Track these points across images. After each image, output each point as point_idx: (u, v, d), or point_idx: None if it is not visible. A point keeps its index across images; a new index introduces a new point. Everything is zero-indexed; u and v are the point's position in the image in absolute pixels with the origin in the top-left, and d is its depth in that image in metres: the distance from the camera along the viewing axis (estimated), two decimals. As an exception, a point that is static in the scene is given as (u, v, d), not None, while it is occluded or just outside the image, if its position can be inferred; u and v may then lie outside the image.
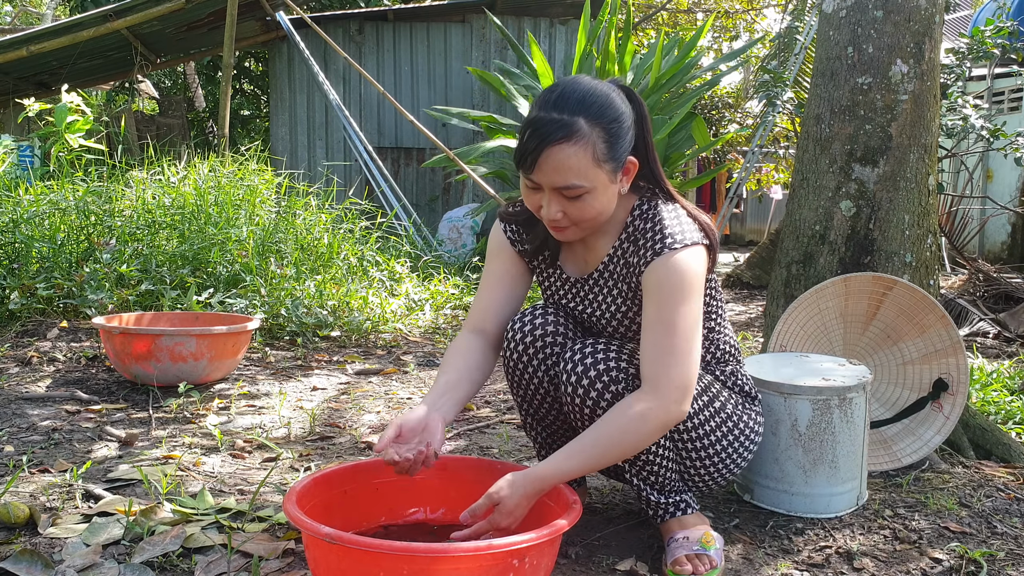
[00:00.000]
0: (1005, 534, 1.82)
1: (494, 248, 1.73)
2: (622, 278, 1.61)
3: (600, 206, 1.50)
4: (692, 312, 1.47)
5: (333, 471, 1.59)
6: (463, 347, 1.65)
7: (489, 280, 1.73)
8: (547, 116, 1.44)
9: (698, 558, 1.57)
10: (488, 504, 1.40)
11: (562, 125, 1.43)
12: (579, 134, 1.43)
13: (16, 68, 7.47)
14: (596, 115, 1.45)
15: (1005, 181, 7.49)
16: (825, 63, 2.35)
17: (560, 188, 1.46)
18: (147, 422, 2.54)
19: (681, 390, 1.44)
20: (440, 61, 8.37)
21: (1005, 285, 5.26)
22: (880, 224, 2.27)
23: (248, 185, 4.75)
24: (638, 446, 1.46)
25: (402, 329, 4.30)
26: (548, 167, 1.45)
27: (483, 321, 1.69)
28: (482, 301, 1.71)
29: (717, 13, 13.61)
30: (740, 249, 13.47)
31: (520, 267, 1.73)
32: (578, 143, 1.43)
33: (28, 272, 3.86)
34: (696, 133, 6.69)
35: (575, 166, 1.44)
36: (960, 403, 2.18)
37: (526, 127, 1.46)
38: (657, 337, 1.46)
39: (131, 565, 1.52)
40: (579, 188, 1.46)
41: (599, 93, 1.48)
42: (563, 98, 1.45)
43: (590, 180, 1.46)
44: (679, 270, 1.48)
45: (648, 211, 1.56)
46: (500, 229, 1.73)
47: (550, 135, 1.43)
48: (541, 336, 1.63)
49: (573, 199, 1.47)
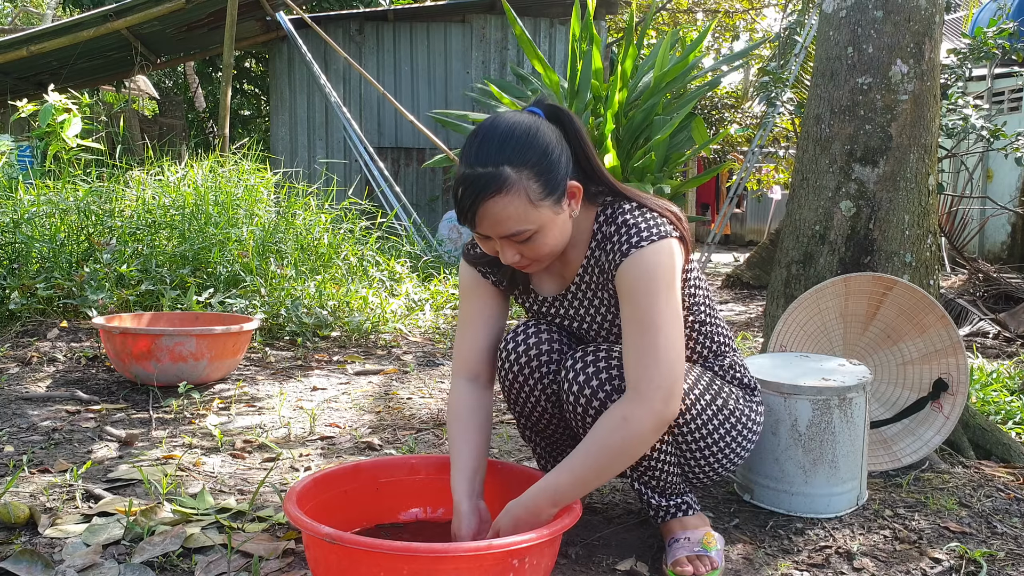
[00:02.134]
0: (1005, 534, 1.82)
1: (467, 286, 1.70)
2: (600, 285, 1.58)
3: (553, 240, 1.48)
4: (668, 306, 1.43)
5: (333, 471, 1.59)
6: (469, 404, 1.62)
7: (469, 320, 1.69)
8: (472, 172, 1.40)
9: (699, 559, 1.56)
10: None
11: (488, 179, 1.39)
12: (507, 183, 1.39)
13: (16, 68, 7.47)
14: (520, 158, 1.41)
15: (1005, 181, 7.49)
16: (825, 63, 2.35)
17: (506, 236, 1.44)
18: (147, 422, 2.54)
19: (665, 390, 1.40)
20: (440, 61, 8.37)
21: (1005, 285, 5.26)
22: (880, 224, 2.27)
23: (247, 185, 4.76)
24: (634, 453, 1.42)
25: (402, 329, 4.30)
26: (487, 222, 1.42)
27: (475, 364, 1.66)
28: (467, 343, 1.68)
29: (717, 13, 13.61)
30: (740, 249, 13.48)
31: (497, 299, 1.70)
32: (509, 192, 1.39)
33: (28, 272, 3.87)
34: (696, 133, 6.69)
35: (513, 214, 1.41)
36: (960, 403, 2.18)
37: (457, 184, 1.43)
38: (636, 338, 1.43)
39: (131, 565, 1.52)
40: (524, 232, 1.43)
41: (519, 132, 1.43)
42: (483, 147, 1.41)
43: (532, 222, 1.43)
44: (648, 266, 1.45)
45: (611, 215, 1.53)
46: (466, 269, 1.70)
47: (480, 192, 1.39)
48: (536, 355, 1.62)
49: (523, 242, 1.45)
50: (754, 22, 14.57)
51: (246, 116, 12.04)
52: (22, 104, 5.16)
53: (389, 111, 8.15)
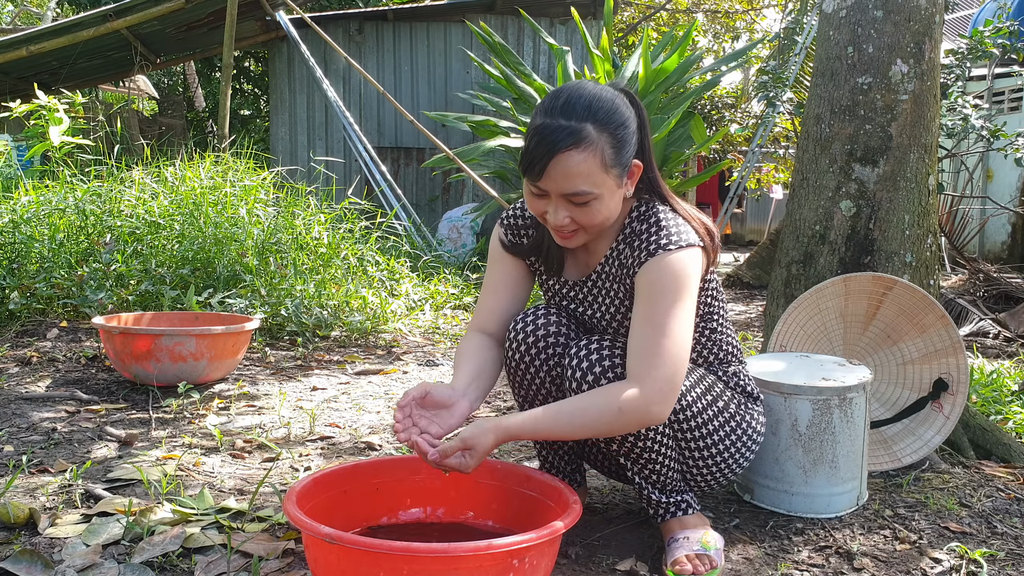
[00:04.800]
0: (1005, 534, 1.82)
1: (495, 254, 1.74)
2: (618, 279, 1.61)
3: (607, 211, 1.50)
4: (683, 314, 1.46)
5: (333, 471, 1.59)
6: (476, 345, 1.66)
7: (492, 284, 1.73)
8: (554, 123, 1.43)
9: (698, 558, 1.56)
10: (460, 446, 1.39)
11: (570, 132, 1.42)
12: (587, 140, 1.43)
13: (16, 68, 7.47)
14: (603, 121, 1.45)
15: (1005, 181, 7.49)
16: (825, 63, 2.35)
17: (569, 195, 1.46)
18: (147, 422, 2.54)
19: (664, 391, 1.42)
20: (440, 61, 8.37)
21: (1005, 285, 5.26)
22: (880, 224, 2.27)
23: (244, 185, 4.75)
24: (607, 432, 1.45)
25: (402, 329, 4.30)
26: (557, 174, 1.44)
27: (488, 323, 1.70)
28: (487, 303, 1.72)
29: (716, 13, 13.61)
30: (740, 249, 13.48)
31: (522, 270, 1.73)
32: (587, 149, 1.43)
33: (28, 272, 3.86)
34: (695, 132, 6.69)
35: (584, 172, 1.44)
36: (960, 403, 2.18)
37: (533, 134, 1.45)
38: (645, 336, 1.45)
39: (131, 565, 1.52)
40: (588, 194, 1.46)
41: (605, 98, 1.47)
42: (569, 104, 1.45)
43: (598, 186, 1.46)
44: (672, 271, 1.47)
45: (645, 213, 1.57)
46: (500, 236, 1.73)
47: (559, 142, 1.42)
48: (543, 336, 1.63)
49: (581, 205, 1.47)
50: (754, 22, 14.56)
51: (246, 116, 12.05)
52: (15, 104, 5.16)
53: (389, 111, 8.15)
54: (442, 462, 1.39)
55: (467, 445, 1.39)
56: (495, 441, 1.41)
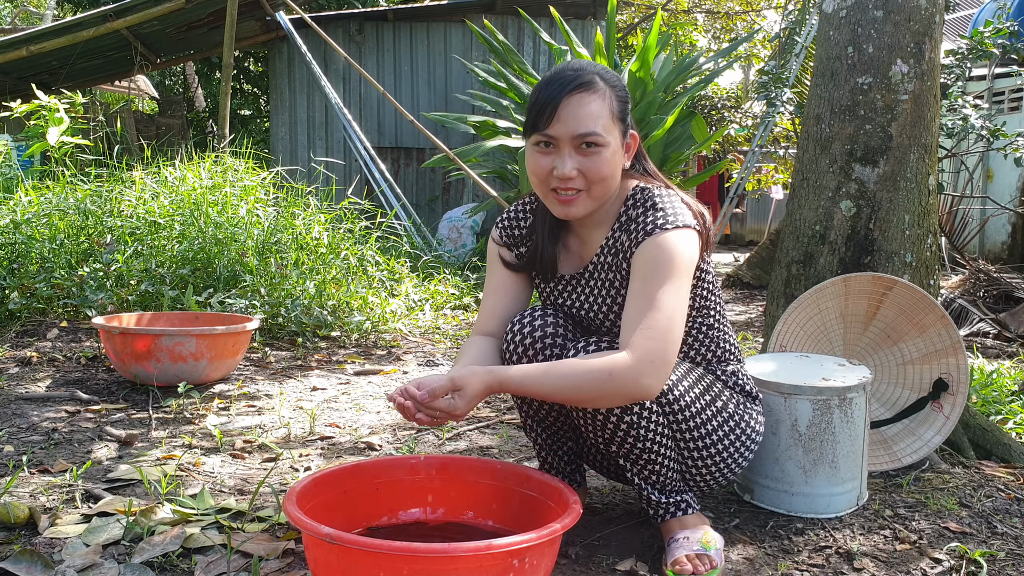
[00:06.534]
0: (1005, 534, 1.82)
1: (491, 259, 1.76)
2: (614, 267, 1.61)
3: (610, 169, 1.52)
4: (677, 294, 1.44)
5: (333, 471, 1.59)
6: (478, 343, 1.68)
7: (492, 286, 1.75)
8: (562, 73, 1.50)
9: (698, 558, 1.56)
10: (450, 387, 1.37)
11: (580, 77, 1.49)
12: (597, 86, 1.50)
13: (16, 68, 7.47)
14: (610, 80, 1.52)
15: (1005, 181, 7.49)
16: (825, 63, 2.35)
17: (580, 136, 1.48)
18: (147, 422, 2.54)
19: (655, 364, 1.39)
20: (440, 61, 8.37)
21: (1005, 285, 5.26)
22: (880, 224, 2.27)
23: (244, 185, 4.75)
24: (595, 398, 1.41)
25: (402, 329, 4.30)
26: (568, 114, 1.48)
27: (489, 325, 1.71)
28: (487, 306, 1.74)
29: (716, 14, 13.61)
30: (740, 249, 13.48)
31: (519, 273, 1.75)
32: (596, 92, 1.49)
33: (28, 272, 3.86)
34: (696, 132, 6.69)
35: (595, 112, 1.48)
36: (960, 403, 2.18)
37: (541, 87, 1.51)
38: (639, 310, 1.43)
39: (131, 565, 1.52)
40: (598, 137, 1.48)
41: (607, 67, 1.56)
42: (578, 65, 1.52)
43: (608, 132, 1.50)
44: (668, 249, 1.46)
45: (640, 199, 1.58)
46: (499, 251, 1.75)
47: (569, 83, 1.48)
48: (541, 338, 1.63)
49: (589, 155, 1.49)
50: (754, 23, 14.55)
51: (246, 116, 12.05)
52: (15, 105, 5.16)
53: (389, 111, 8.15)
54: (431, 403, 1.36)
55: (457, 386, 1.37)
56: (484, 385, 1.39)
